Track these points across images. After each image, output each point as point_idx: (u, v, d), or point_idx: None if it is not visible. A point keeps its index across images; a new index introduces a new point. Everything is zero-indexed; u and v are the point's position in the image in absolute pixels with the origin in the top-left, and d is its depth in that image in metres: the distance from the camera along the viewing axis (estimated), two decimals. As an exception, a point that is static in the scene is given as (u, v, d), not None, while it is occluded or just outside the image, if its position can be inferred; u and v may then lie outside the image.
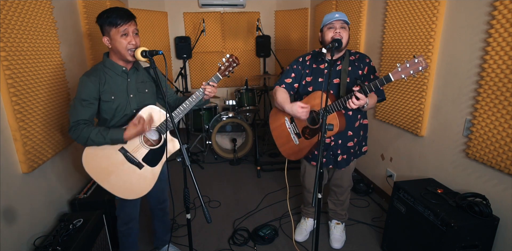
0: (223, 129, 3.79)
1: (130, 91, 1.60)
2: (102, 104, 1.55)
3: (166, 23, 4.54)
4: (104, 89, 1.53)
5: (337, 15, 1.73)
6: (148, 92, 1.68)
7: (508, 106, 1.54)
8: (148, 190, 1.66)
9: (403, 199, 1.87)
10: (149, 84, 1.70)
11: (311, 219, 2.37)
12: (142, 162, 1.63)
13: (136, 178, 1.63)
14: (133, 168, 1.62)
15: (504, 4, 1.52)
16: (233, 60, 1.65)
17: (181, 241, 2.27)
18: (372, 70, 1.88)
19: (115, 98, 1.55)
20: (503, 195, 1.61)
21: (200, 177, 3.38)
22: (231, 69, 1.66)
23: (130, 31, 1.49)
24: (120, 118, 1.60)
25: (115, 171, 1.60)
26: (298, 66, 1.94)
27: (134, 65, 1.63)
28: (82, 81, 1.50)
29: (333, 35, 1.73)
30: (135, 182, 1.64)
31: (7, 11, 1.54)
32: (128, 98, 1.60)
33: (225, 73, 1.66)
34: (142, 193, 1.65)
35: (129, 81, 1.61)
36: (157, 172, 1.66)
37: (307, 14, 4.46)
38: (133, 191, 1.64)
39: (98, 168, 1.58)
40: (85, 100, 1.49)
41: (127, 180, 1.62)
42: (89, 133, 1.48)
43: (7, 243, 1.46)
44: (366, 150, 2.08)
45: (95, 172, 1.58)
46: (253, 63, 4.98)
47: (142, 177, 1.64)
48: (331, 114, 1.73)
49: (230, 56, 1.64)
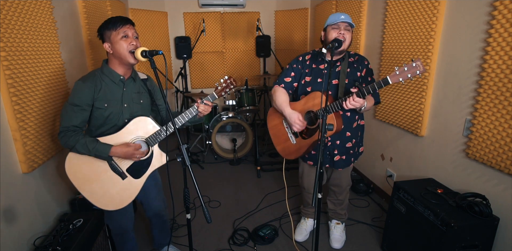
0: (223, 129, 3.79)
1: (124, 100, 1.59)
2: (94, 111, 1.53)
3: (166, 23, 4.54)
4: (98, 96, 1.51)
5: (343, 17, 1.73)
6: (142, 103, 1.67)
7: (508, 106, 1.54)
8: (128, 202, 1.61)
9: (403, 199, 1.87)
10: (145, 95, 1.69)
11: (311, 219, 2.37)
12: (126, 173, 1.59)
13: (117, 189, 1.59)
14: (116, 178, 1.58)
15: (504, 4, 1.52)
16: (231, 82, 1.64)
17: (181, 241, 2.26)
18: (369, 73, 1.90)
19: (108, 106, 1.54)
20: (503, 195, 1.61)
21: (200, 177, 3.37)
22: (227, 90, 1.65)
23: (130, 33, 1.50)
24: (111, 126, 1.59)
25: (97, 179, 1.56)
26: (298, 65, 1.94)
27: (132, 75, 1.63)
28: (78, 85, 1.49)
29: (337, 36, 1.73)
30: (116, 193, 1.59)
31: (7, 11, 1.54)
32: (122, 107, 1.58)
33: (221, 93, 1.65)
34: (121, 205, 1.60)
35: (125, 90, 1.59)
36: (139, 185, 1.61)
37: (307, 14, 4.46)
38: (112, 202, 1.59)
39: (80, 174, 1.55)
40: (77, 105, 1.48)
41: (107, 190, 1.58)
42: (75, 143, 1.47)
43: (7, 243, 1.46)
44: (363, 151, 2.10)
45: (76, 177, 1.55)
46: (253, 63, 4.98)
47: (124, 189, 1.59)
48: (329, 114, 1.73)
49: (228, 78, 1.64)
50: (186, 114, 1.60)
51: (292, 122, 1.79)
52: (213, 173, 3.49)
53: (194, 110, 1.61)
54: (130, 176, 1.60)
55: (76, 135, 1.49)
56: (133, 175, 1.60)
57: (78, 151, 1.49)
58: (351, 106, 1.60)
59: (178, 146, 1.36)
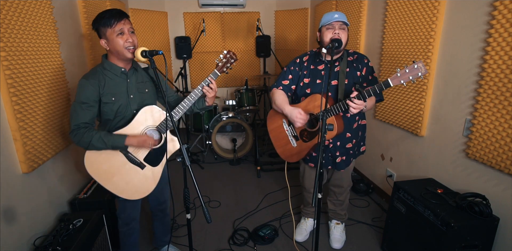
0: (223, 129, 3.79)
1: (130, 92, 1.60)
2: (103, 106, 1.55)
3: (166, 23, 4.54)
4: (104, 91, 1.53)
5: (337, 16, 1.70)
6: (148, 92, 1.69)
7: (508, 106, 1.54)
8: (152, 189, 1.67)
9: (403, 199, 1.87)
10: (149, 84, 1.70)
11: (311, 219, 2.37)
12: (144, 162, 1.63)
13: (139, 178, 1.64)
14: (135, 169, 1.63)
15: (504, 4, 1.52)
16: (231, 56, 1.62)
17: (181, 241, 2.26)
18: (370, 71, 1.86)
19: (115, 99, 1.56)
20: (503, 195, 1.61)
21: (200, 177, 3.37)
22: (229, 65, 1.63)
23: (126, 29, 1.50)
24: (120, 119, 1.61)
25: (118, 172, 1.61)
26: (296, 67, 1.92)
27: (133, 66, 1.63)
28: (82, 84, 1.50)
29: (332, 36, 1.70)
30: (138, 182, 1.64)
31: (7, 11, 1.54)
32: (128, 98, 1.60)
33: (223, 69, 1.63)
34: (146, 193, 1.66)
35: (129, 82, 1.61)
36: (158, 172, 1.67)
37: (307, 14, 4.46)
38: (137, 191, 1.65)
39: (101, 170, 1.59)
40: (84, 102, 1.49)
41: (130, 181, 1.63)
42: (91, 138, 1.49)
43: (7, 243, 1.46)
44: (365, 150, 2.08)
45: (98, 174, 1.59)
46: (253, 63, 4.98)
47: (145, 177, 1.65)
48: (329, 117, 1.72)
49: (228, 52, 1.62)
50: (192, 96, 1.61)
51: (293, 118, 1.76)
52: (213, 173, 3.49)
53: (198, 91, 1.61)
54: (148, 165, 1.64)
55: (89, 131, 1.50)
56: (151, 163, 1.65)
57: (95, 146, 1.50)
58: (355, 111, 1.58)
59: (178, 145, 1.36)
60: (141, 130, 1.61)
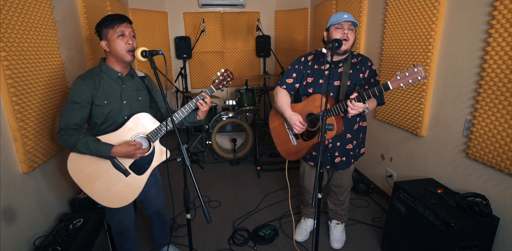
0: (223, 129, 3.79)
1: (124, 97, 1.60)
2: (94, 108, 1.54)
3: (166, 23, 4.54)
4: (97, 93, 1.52)
5: (346, 16, 1.70)
6: (141, 100, 1.68)
7: (508, 106, 1.54)
8: (133, 199, 1.62)
9: (403, 199, 1.87)
10: (144, 92, 1.70)
11: (311, 219, 2.37)
12: (129, 170, 1.60)
13: (121, 186, 1.59)
14: (119, 175, 1.59)
15: (504, 4, 1.52)
16: (228, 75, 1.65)
17: (181, 241, 2.26)
18: (373, 74, 1.87)
19: (108, 103, 1.55)
20: (503, 195, 1.61)
21: (200, 177, 3.37)
22: (225, 83, 1.66)
23: (127, 32, 1.51)
24: (110, 124, 1.59)
25: (100, 178, 1.57)
26: (300, 66, 1.93)
27: (129, 72, 1.63)
28: (77, 83, 1.50)
29: (341, 36, 1.71)
30: (120, 190, 1.59)
31: (7, 11, 1.54)
32: (121, 104, 1.59)
33: (219, 86, 1.66)
34: (126, 202, 1.62)
35: (124, 87, 1.60)
36: (143, 181, 1.63)
37: (307, 14, 4.46)
38: (117, 200, 1.60)
39: (83, 173, 1.55)
40: (77, 103, 1.49)
41: (111, 188, 1.58)
42: (76, 142, 1.47)
43: (7, 243, 1.46)
44: (364, 152, 2.08)
45: (80, 177, 1.55)
46: (253, 63, 4.98)
47: (128, 185, 1.60)
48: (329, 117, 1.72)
49: (225, 71, 1.65)
50: (185, 108, 1.61)
51: (292, 124, 1.79)
52: (213, 173, 3.49)
53: (192, 104, 1.62)
54: (133, 173, 1.61)
55: (76, 133, 1.49)
56: (136, 171, 1.62)
57: (79, 150, 1.49)
58: (354, 112, 1.58)
59: (178, 146, 1.36)
60: (130, 137, 1.58)
